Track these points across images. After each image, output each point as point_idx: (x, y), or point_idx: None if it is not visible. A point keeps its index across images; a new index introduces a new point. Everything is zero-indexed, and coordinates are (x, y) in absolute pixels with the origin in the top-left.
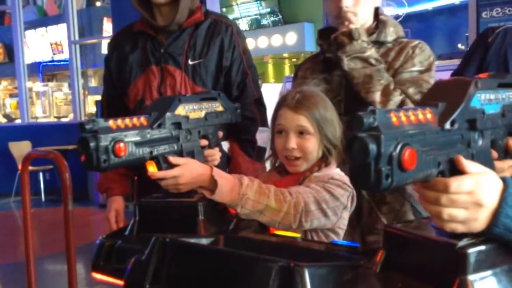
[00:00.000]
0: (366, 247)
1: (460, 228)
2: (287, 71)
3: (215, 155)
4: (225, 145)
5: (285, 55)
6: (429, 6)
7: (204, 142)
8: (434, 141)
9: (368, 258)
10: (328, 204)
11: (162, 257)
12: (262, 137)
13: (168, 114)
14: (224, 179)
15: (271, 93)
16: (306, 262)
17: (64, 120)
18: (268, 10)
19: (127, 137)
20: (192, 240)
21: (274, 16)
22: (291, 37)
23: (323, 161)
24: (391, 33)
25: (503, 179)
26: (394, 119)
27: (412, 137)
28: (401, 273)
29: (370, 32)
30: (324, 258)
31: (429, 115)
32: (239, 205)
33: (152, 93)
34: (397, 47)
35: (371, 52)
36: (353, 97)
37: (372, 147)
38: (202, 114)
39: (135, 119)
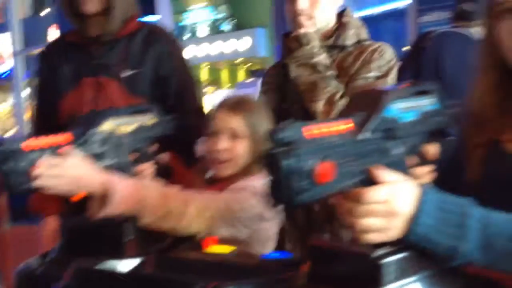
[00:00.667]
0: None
1: (376, 238)
2: (241, 77)
3: (147, 169)
4: (165, 157)
5: (239, 60)
6: (376, 10)
7: (135, 156)
8: (351, 152)
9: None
10: (236, 215)
11: (80, 285)
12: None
13: (94, 129)
14: (120, 184)
15: (218, 102)
16: (235, 279)
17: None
18: (223, 15)
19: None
20: (117, 264)
21: (228, 21)
22: (244, 43)
23: (250, 169)
24: (351, 36)
25: (420, 186)
26: (311, 132)
27: (329, 149)
28: (327, 285)
29: (328, 36)
30: (254, 273)
31: (347, 126)
32: (141, 212)
33: (85, 106)
34: (357, 51)
35: (320, 58)
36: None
37: (287, 162)
38: (133, 127)
39: (59, 137)
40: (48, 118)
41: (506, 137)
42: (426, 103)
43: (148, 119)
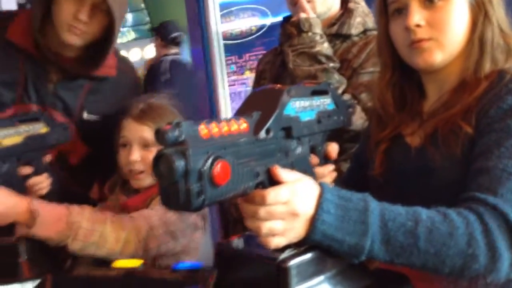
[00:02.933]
0: None
1: (281, 241)
2: None
3: (43, 182)
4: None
5: None
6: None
7: (27, 169)
8: (250, 151)
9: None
10: (176, 226)
11: None
12: None
13: None
14: (47, 209)
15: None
16: None
17: None
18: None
19: None
20: (12, 286)
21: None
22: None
23: None
24: (357, 25)
25: (320, 185)
26: (204, 131)
27: (225, 149)
28: None
29: (331, 23)
30: (161, 286)
31: (243, 125)
32: (69, 236)
33: None
34: (362, 42)
35: (321, 48)
36: None
37: (179, 163)
38: (20, 138)
39: None
40: None
41: (406, 131)
42: (323, 102)
43: (38, 128)
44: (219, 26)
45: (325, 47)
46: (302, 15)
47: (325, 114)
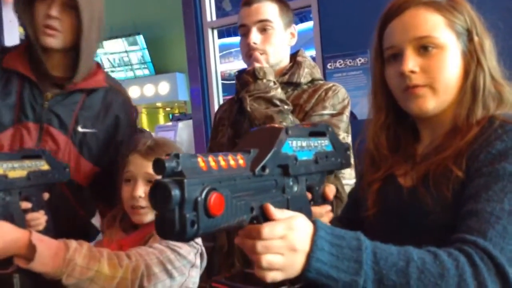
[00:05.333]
0: None
1: (279, 276)
2: (161, 120)
3: (40, 218)
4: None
5: (159, 104)
6: None
7: (26, 204)
8: (245, 186)
9: None
10: (173, 264)
11: None
12: None
13: None
14: (45, 244)
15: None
16: None
17: None
18: (140, 60)
19: None
20: None
21: (145, 66)
22: (164, 87)
23: None
24: (305, 74)
25: (314, 222)
26: (201, 164)
27: (221, 182)
28: None
29: (282, 73)
30: None
31: (240, 161)
32: (65, 273)
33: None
34: (311, 90)
35: (276, 93)
36: None
37: (176, 192)
38: (24, 173)
39: None
40: None
41: (399, 171)
42: (321, 144)
43: (40, 165)
44: (218, 66)
45: (279, 92)
46: (257, 65)
47: (323, 155)
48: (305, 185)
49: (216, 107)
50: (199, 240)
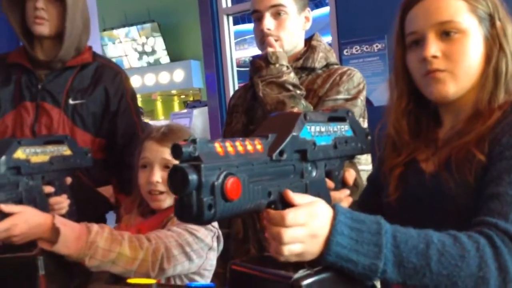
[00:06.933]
0: None
1: (297, 260)
2: (176, 108)
3: (63, 202)
4: (107, 191)
5: (174, 91)
6: None
7: (49, 188)
8: (263, 171)
9: None
10: (191, 247)
11: None
12: None
13: (4, 157)
14: (69, 228)
15: (145, 133)
16: None
17: None
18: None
19: None
20: None
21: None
22: (179, 74)
23: None
24: (320, 59)
25: (333, 207)
26: (218, 149)
27: (238, 166)
28: None
29: (297, 57)
30: None
31: (258, 146)
32: (88, 255)
33: (23, 131)
34: (325, 74)
35: (288, 77)
36: None
37: (193, 177)
38: (47, 158)
39: None
40: None
41: (421, 156)
42: (340, 129)
43: (62, 150)
44: (234, 53)
45: (291, 76)
46: (269, 49)
47: (342, 140)
48: (324, 170)
49: (231, 94)
50: (215, 224)
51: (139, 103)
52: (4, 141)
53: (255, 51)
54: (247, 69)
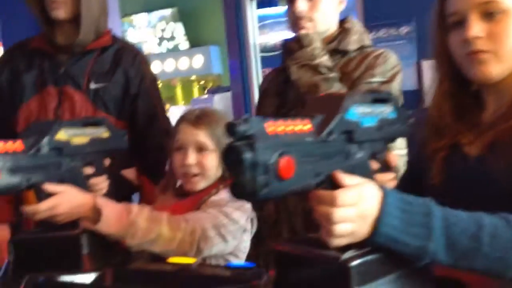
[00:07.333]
0: None
1: (345, 241)
2: (196, 93)
3: (102, 183)
4: (130, 173)
5: (193, 77)
6: None
7: (89, 170)
8: (312, 151)
9: (262, 278)
10: (227, 228)
11: None
12: None
13: (47, 138)
14: (110, 207)
15: (179, 115)
16: None
17: None
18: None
19: None
20: (73, 278)
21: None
22: (198, 60)
23: (221, 181)
24: (354, 41)
25: (381, 188)
26: (270, 128)
27: (290, 146)
28: None
29: (331, 40)
30: (218, 283)
31: (308, 126)
32: (128, 235)
33: (47, 115)
34: (359, 57)
35: (322, 60)
36: None
37: (247, 155)
38: (87, 140)
39: (9, 143)
40: (3, 123)
41: (464, 140)
42: (384, 110)
43: (101, 132)
44: (257, 37)
45: (325, 59)
46: (303, 32)
47: (386, 122)
48: (368, 152)
49: (254, 79)
50: (249, 206)
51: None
52: (46, 122)
53: (277, 36)
54: (269, 54)
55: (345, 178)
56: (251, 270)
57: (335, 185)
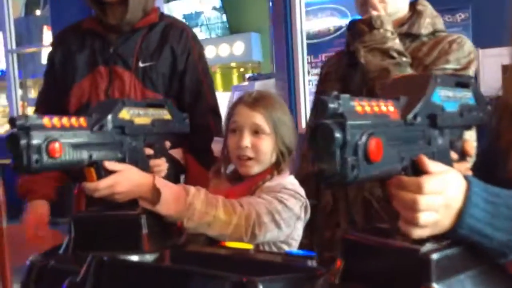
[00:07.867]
0: None
1: (426, 233)
2: (235, 81)
3: (162, 165)
4: (177, 153)
5: (233, 64)
6: None
7: (149, 150)
8: (397, 134)
9: (326, 267)
10: (281, 215)
11: (99, 277)
12: (217, 147)
13: (110, 116)
14: (168, 189)
15: (219, 102)
16: (259, 275)
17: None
18: (216, 19)
19: (63, 137)
20: (134, 257)
21: (221, 26)
22: (239, 47)
23: (276, 167)
24: (427, 25)
25: (466, 177)
26: (358, 107)
27: (377, 127)
28: (361, 283)
29: (401, 23)
30: (279, 270)
31: (391, 108)
32: (186, 216)
33: (99, 95)
34: (432, 42)
35: (393, 43)
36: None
37: (338, 134)
38: (149, 120)
39: (73, 119)
40: (57, 103)
41: None
42: (465, 95)
43: (163, 114)
44: (304, 24)
45: (396, 43)
46: (374, 13)
47: (467, 108)
48: (448, 139)
49: (300, 66)
50: (303, 193)
51: None
52: (110, 101)
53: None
54: (312, 41)
55: (431, 164)
56: (313, 257)
57: (418, 171)
